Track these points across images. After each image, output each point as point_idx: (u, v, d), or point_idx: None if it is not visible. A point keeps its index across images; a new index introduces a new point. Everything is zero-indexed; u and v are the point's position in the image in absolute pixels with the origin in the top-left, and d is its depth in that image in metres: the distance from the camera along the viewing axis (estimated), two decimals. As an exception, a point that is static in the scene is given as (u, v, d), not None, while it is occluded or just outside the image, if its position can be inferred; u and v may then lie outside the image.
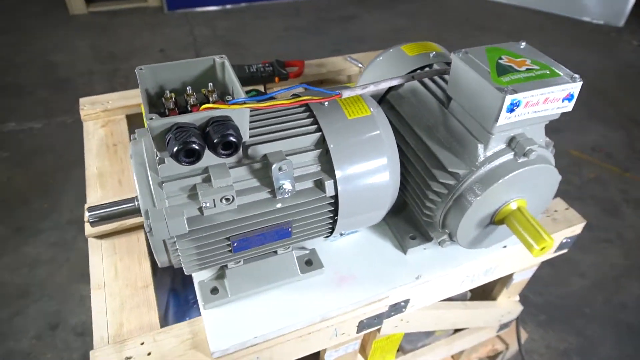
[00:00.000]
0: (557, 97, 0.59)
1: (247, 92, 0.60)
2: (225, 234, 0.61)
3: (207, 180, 0.58)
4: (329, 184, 0.62)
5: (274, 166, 0.57)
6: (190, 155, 0.51)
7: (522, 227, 0.65)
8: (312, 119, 0.65)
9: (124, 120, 1.08)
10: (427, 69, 0.77)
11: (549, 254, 0.92)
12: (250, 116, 0.63)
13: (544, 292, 1.68)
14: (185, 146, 0.50)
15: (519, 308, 1.11)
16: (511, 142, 0.64)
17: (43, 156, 2.11)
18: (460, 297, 1.07)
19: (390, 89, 0.80)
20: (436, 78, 0.74)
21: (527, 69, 0.61)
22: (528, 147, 0.62)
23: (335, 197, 0.64)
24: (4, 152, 2.12)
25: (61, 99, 2.37)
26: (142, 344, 0.66)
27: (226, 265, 0.69)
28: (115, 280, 0.76)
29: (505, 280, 1.01)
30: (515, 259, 0.86)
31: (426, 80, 0.75)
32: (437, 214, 0.70)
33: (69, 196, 1.92)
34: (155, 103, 0.61)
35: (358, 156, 0.64)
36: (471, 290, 1.19)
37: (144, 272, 0.77)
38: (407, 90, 0.78)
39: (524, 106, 0.58)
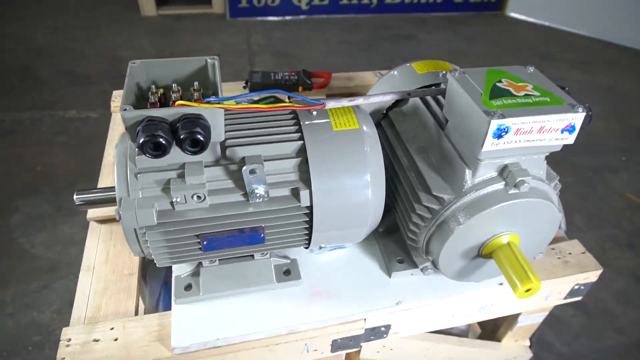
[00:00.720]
0: (555, 127, 0.55)
1: (265, 98, 0.60)
2: (194, 231, 0.61)
3: (182, 176, 0.59)
4: (304, 194, 0.61)
5: (244, 168, 0.57)
6: (157, 149, 0.52)
7: (508, 263, 0.60)
8: (297, 126, 0.64)
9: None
10: (433, 87, 0.74)
11: (558, 300, 0.84)
12: (235, 119, 0.64)
13: (572, 343, 1.55)
14: (151, 139, 0.51)
15: (527, 354, 1.02)
16: (503, 171, 0.59)
17: (95, 144, 2.24)
18: (459, 332, 1.01)
19: (393, 105, 0.77)
20: (440, 98, 0.71)
21: (526, 95, 0.57)
22: (520, 178, 0.57)
23: (311, 208, 0.63)
24: (61, 136, 2.29)
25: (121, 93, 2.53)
26: (111, 329, 0.68)
27: (201, 263, 0.70)
28: (104, 265, 0.79)
29: (511, 322, 0.94)
30: (516, 300, 0.79)
31: (429, 99, 0.72)
32: (420, 238, 0.66)
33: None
34: (147, 97, 0.63)
35: (338, 169, 0.62)
36: (481, 327, 1.12)
37: (133, 261, 0.79)
38: (409, 108, 0.75)
39: (515, 133, 0.54)
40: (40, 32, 3.16)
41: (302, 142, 0.62)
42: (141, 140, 0.51)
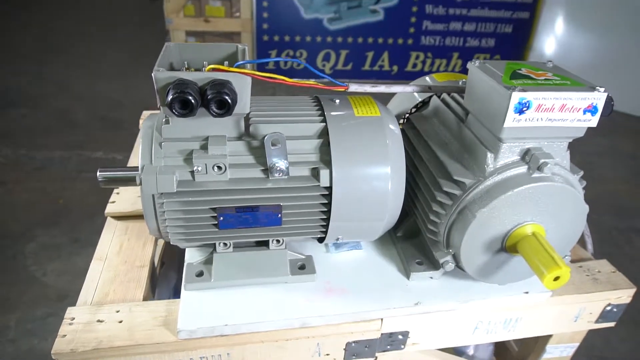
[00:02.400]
0: (577, 106, 0.55)
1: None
2: (212, 204, 0.61)
3: (205, 148, 0.60)
4: (324, 174, 0.61)
5: (266, 137, 0.58)
6: (184, 107, 0.54)
7: (534, 251, 0.57)
8: (320, 110, 0.65)
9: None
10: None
11: (588, 322, 0.78)
12: (260, 100, 0.66)
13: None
14: (180, 96, 0.53)
15: (557, 396, 0.93)
16: (525, 155, 0.59)
17: (117, 182, 2.31)
18: (484, 357, 0.93)
19: (415, 110, 0.79)
20: (458, 97, 0.72)
21: (546, 79, 0.58)
22: (543, 160, 0.56)
23: (330, 189, 0.62)
24: (86, 174, 2.36)
25: (147, 138, 2.64)
26: (117, 311, 0.65)
27: (215, 249, 0.68)
28: (117, 256, 0.78)
29: (538, 352, 0.87)
30: (544, 315, 0.74)
31: (450, 100, 0.73)
32: (441, 229, 0.64)
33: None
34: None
35: (359, 153, 0.62)
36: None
37: (145, 254, 0.78)
38: (430, 111, 0.76)
39: (536, 109, 0.54)
40: (82, 80, 3.38)
41: (324, 124, 0.63)
42: (170, 98, 0.53)
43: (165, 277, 0.92)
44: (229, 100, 0.54)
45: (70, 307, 0.66)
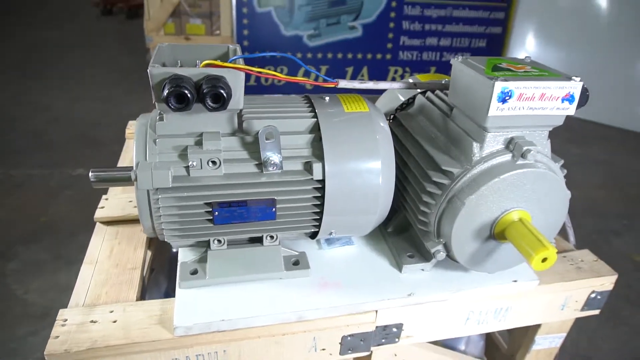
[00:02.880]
0: (555, 94, 0.58)
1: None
2: (207, 199, 0.61)
3: (199, 143, 0.61)
4: (317, 167, 0.63)
5: (260, 131, 0.59)
6: (180, 101, 0.55)
7: (521, 235, 0.60)
8: (311, 107, 0.67)
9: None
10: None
11: (575, 310, 0.81)
12: (253, 98, 0.68)
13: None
14: (176, 90, 0.54)
15: (547, 388, 0.95)
16: (509, 144, 0.61)
17: (99, 199, 2.27)
18: (475, 353, 0.95)
19: (401, 109, 0.82)
20: (442, 95, 0.75)
21: (525, 71, 0.61)
22: (526, 147, 0.59)
23: (323, 182, 0.64)
24: (68, 190, 2.32)
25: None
26: (111, 312, 0.65)
27: (209, 247, 0.68)
28: (108, 259, 0.77)
29: (527, 344, 0.88)
30: (532, 304, 0.76)
31: (433, 97, 0.76)
32: (431, 219, 0.66)
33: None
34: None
35: (350, 147, 0.64)
36: (498, 357, 1.05)
37: (137, 257, 0.78)
38: (415, 110, 0.79)
39: (518, 98, 0.57)
40: (59, 102, 3.34)
41: (315, 119, 0.65)
42: (166, 92, 0.54)
43: (156, 283, 0.91)
44: (224, 94, 0.55)
45: (62, 309, 0.65)
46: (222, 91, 0.55)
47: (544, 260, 0.57)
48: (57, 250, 1.92)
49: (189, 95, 0.54)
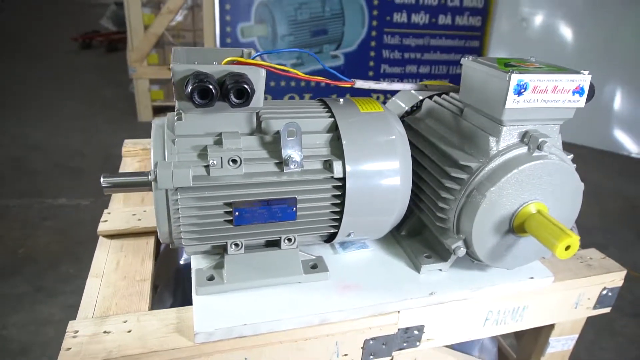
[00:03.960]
0: (567, 87, 0.60)
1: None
2: (228, 198, 0.60)
3: (219, 143, 0.60)
4: (337, 164, 0.63)
5: (282, 129, 0.59)
6: (204, 96, 0.54)
7: (542, 227, 0.60)
8: (327, 108, 0.68)
9: (160, 159, 1.15)
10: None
11: (587, 309, 0.81)
12: (270, 102, 0.68)
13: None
14: (200, 85, 0.53)
15: (562, 394, 0.94)
16: (524, 137, 0.63)
17: (83, 228, 2.20)
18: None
19: (408, 114, 0.83)
20: (449, 98, 0.77)
21: (535, 67, 0.63)
22: (541, 140, 0.61)
23: (342, 181, 0.63)
24: (49, 221, 2.24)
25: (112, 183, 2.56)
26: (124, 322, 0.61)
27: (226, 251, 0.66)
28: (115, 272, 0.74)
29: (541, 347, 0.88)
30: (548, 302, 0.77)
31: (441, 100, 0.78)
32: (450, 215, 0.66)
33: (97, 264, 1.94)
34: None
35: (368, 146, 0.65)
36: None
37: (145, 269, 0.75)
38: (423, 114, 0.81)
39: (532, 91, 0.59)
40: (38, 131, 3.27)
41: (332, 119, 0.66)
42: (190, 88, 0.54)
43: (160, 300, 0.87)
44: (248, 89, 0.55)
45: (72, 320, 0.61)
46: (245, 86, 0.55)
47: (567, 248, 0.58)
48: (37, 283, 1.83)
49: (213, 90, 0.54)
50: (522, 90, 0.59)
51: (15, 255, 1.98)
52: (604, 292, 0.80)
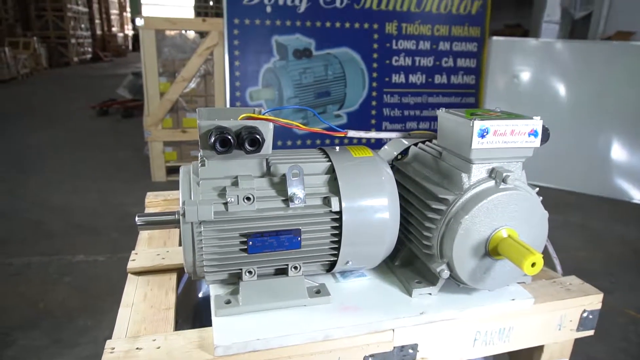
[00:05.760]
0: (523, 130, 0.73)
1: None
2: (243, 230, 0.72)
3: (235, 184, 0.73)
4: (334, 200, 0.74)
5: (288, 170, 0.72)
6: (224, 145, 0.67)
7: (511, 248, 0.70)
8: (325, 155, 0.81)
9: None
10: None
11: (571, 331, 0.88)
12: (276, 151, 0.81)
13: None
14: (221, 136, 0.67)
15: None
16: (491, 173, 0.75)
17: (100, 283, 2.29)
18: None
19: (397, 159, 0.96)
20: (431, 144, 0.90)
21: (497, 115, 0.76)
22: (505, 174, 0.72)
23: (340, 214, 0.75)
24: (67, 277, 2.34)
25: (128, 240, 2.65)
26: (154, 340, 0.71)
27: (241, 279, 0.77)
28: (143, 302, 0.83)
29: (533, 371, 0.94)
30: (532, 323, 0.84)
31: (424, 146, 0.91)
32: (434, 242, 0.77)
33: (113, 317, 2.01)
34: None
35: (360, 185, 0.77)
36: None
37: (169, 300, 0.85)
38: (410, 158, 0.93)
39: (493, 134, 0.72)
40: (56, 195, 3.44)
41: (330, 163, 0.78)
42: (213, 139, 0.67)
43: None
44: (259, 139, 0.68)
45: (108, 340, 0.71)
46: (257, 136, 0.68)
47: (534, 264, 0.67)
48: (55, 335, 1.90)
49: (231, 140, 0.67)
50: (485, 133, 0.71)
51: (35, 309, 2.06)
52: (585, 314, 0.88)
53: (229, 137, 0.67)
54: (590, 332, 0.91)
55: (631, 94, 3.63)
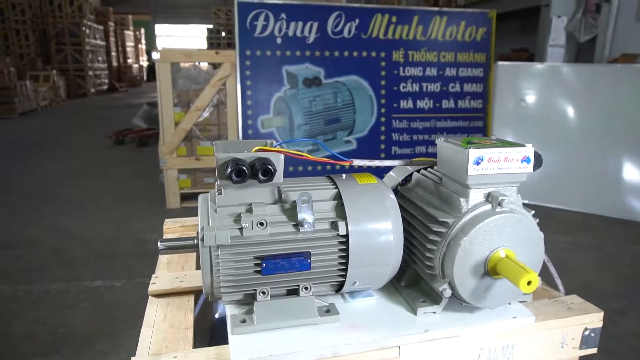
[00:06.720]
0: (515, 157, 0.78)
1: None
2: (257, 253, 0.77)
3: (250, 211, 0.79)
4: (341, 224, 0.80)
5: (298, 196, 0.78)
6: (239, 175, 0.74)
7: (508, 268, 0.75)
8: (332, 182, 0.87)
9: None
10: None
11: (573, 349, 0.91)
12: (287, 180, 0.87)
13: None
14: (236, 167, 0.74)
15: None
16: (488, 197, 0.80)
17: (117, 307, 2.34)
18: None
19: (401, 185, 1.01)
20: (433, 170, 0.96)
21: (491, 143, 0.82)
22: (501, 197, 0.78)
23: (346, 237, 0.80)
24: (85, 302, 2.40)
25: (144, 266, 2.74)
26: (174, 357, 0.76)
27: (255, 299, 0.82)
28: (163, 322, 0.89)
29: (539, 390, 0.96)
30: (534, 341, 0.88)
31: (426, 172, 0.97)
32: (436, 263, 0.82)
33: (130, 342, 2.05)
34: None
35: (365, 210, 0.82)
36: None
37: (188, 320, 0.90)
38: (413, 184, 0.99)
39: (488, 161, 0.77)
40: (75, 222, 3.55)
41: (337, 190, 0.84)
42: (229, 170, 0.74)
43: (197, 352, 1.00)
44: (272, 169, 0.75)
45: (133, 357, 0.76)
46: (269, 167, 0.75)
47: (529, 283, 0.72)
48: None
49: (246, 170, 0.74)
50: (480, 161, 0.77)
51: (55, 335, 2.11)
52: (586, 332, 0.91)
53: (244, 168, 0.74)
54: (594, 350, 0.93)
55: (639, 115, 3.65)
